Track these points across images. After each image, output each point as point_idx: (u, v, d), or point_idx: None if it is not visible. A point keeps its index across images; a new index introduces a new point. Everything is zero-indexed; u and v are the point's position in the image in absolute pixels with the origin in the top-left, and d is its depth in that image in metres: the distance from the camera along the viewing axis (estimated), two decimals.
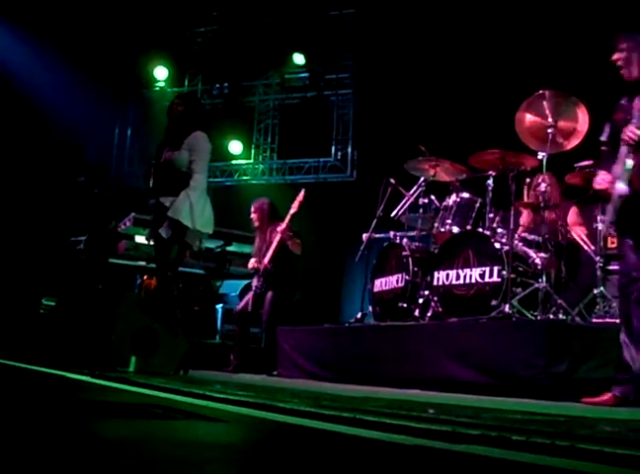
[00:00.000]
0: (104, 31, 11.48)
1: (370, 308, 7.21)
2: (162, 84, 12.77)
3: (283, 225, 7.59)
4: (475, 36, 9.34)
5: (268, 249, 7.67)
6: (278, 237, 7.59)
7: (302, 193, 7.75)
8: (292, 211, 7.69)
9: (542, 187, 6.11)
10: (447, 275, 6.28)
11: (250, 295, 7.70)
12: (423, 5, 9.92)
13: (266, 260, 7.61)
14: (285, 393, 4.22)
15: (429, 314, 6.42)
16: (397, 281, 6.86)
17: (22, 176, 10.44)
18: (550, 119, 6.10)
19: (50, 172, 10.73)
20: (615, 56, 4.52)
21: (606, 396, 4.27)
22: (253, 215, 7.96)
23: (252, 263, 7.80)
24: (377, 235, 7.45)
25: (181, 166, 6.02)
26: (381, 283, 7.10)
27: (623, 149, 4.37)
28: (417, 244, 7.00)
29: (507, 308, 5.68)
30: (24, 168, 10.52)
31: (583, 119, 6.16)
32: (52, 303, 8.08)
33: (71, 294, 7.70)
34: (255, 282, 7.69)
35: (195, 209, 5.90)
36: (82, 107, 11.54)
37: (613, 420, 3.28)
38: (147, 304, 6.28)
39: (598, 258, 6.06)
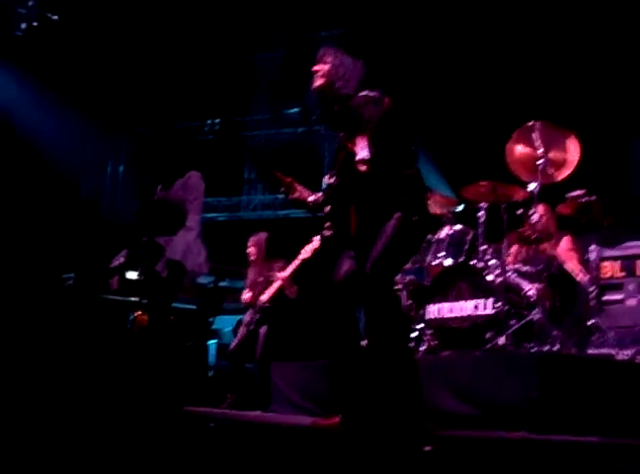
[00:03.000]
0: (97, 68, 11.52)
1: (364, 342, 7.14)
2: (154, 120, 12.77)
3: (287, 272, 7.51)
4: (465, 67, 9.38)
5: (265, 285, 7.63)
6: (279, 283, 7.54)
7: (318, 240, 7.38)
8: (304, 257, 7.46)
9: (535, 217, 6.09)
10: (441, 308, 6.24)
11: (243, 332, 7.65)
12: (411, 35, 9.96)
13: (264, 298, 7.57)
14: None
15: (422, 348, 6.37)
16: None
17: (12, 211, 10.40)
18: (540, 151, 6.09)
19: (42, 208, 10.70)
20: (317, 67, 4.46)
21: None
22: (250, 249, 7.91)
23: (246, 297, 7.75)
24: None
25: (174, 205, 6.01)
26: None
27: None
28: (409, 277, 6.96)
29: (501, 340, 5.64)
30: (14, 203, 10.48)
31: (573, 150, 6.17)
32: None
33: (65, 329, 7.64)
34: (247, 318, 7.65)
35: (192, 251, 5.88)
36: (74, 142, 11.55)
37: None
38: (140, 340, 6.23)
39: (592, 288, 6.02)
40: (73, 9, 10.85)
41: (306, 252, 7.49)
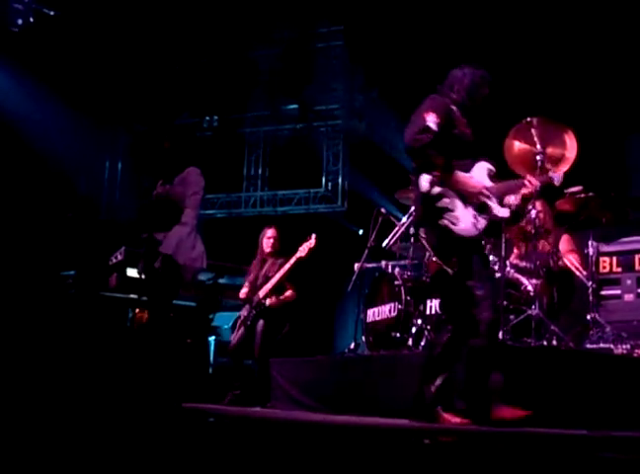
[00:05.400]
0: (94, 63, 11.51)
1: (364, 338, 7.17)
2: (153, 116, 12.76)
3: (284, 270, 7.50)
4: (463, 63, 9.37)
5: (264, 281, 7.62)
6: (275, 280, 7.51)
7: (314, 238, 7.45)
8: (300, 255, 7.45)
9: (532, 214, 6.11)
10: (440, 303, 6.26)
11: (241, 328, 7.65)
12: (411, 34, 9.95)
13: (261, 294, 7.55)
14: None
15: (422, 343, 6.40)
16: (390, 311, 6.83)
17: (11, 209, 10.39)
18: (538, 146, 6.09)
19: (41, 205, 10.69)
20: None
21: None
22: (270, 241, 7.83)
23: (244, 293, 7.73)
24: (369, 265, 7.44)
25: (174, 201, 6.01)
26: (374, 313, 7.07)
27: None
28: (409, 273, 6.98)
29: (500, 335, 5.66)
30: (12, 201, 10.47)
31: (571, 146, 6.16)
32: None
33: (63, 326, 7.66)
34: (244, 313, 7.64)
35: (184, 245, 5.87)
36: (72, 139, 11.55)
37: None
38: (139, 337, 6.24)
39: (590, 283, 6.04)
40: (70, 4, 10.84)
41: (302, 251, 7.48)
